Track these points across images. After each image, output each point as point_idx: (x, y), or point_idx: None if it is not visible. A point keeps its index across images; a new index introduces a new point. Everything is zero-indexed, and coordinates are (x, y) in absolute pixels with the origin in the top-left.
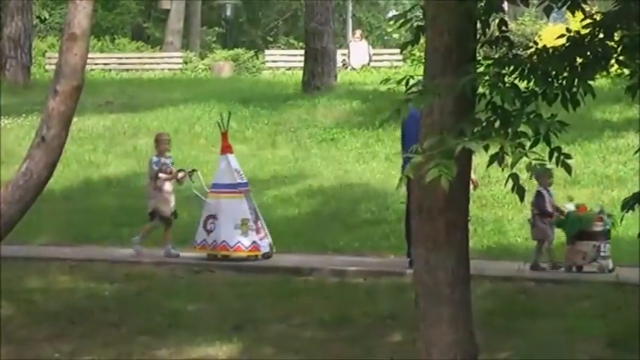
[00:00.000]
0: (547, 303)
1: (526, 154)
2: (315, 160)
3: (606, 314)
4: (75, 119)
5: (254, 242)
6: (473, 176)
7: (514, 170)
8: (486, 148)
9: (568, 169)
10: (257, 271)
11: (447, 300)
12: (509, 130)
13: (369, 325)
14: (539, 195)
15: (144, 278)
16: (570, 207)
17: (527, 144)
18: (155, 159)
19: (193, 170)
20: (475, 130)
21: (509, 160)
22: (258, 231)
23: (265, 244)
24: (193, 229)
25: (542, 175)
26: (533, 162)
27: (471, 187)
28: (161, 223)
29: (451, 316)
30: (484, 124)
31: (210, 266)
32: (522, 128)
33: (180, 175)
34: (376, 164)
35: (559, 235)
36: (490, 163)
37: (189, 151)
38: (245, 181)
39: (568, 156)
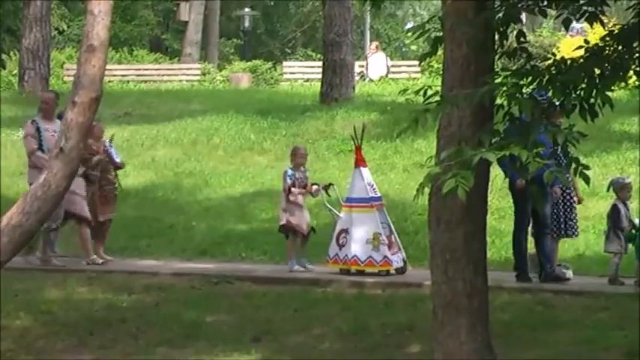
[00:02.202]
0: (565, 314)
1: (544, 164)
2: (333, 172)
3: (625, 326)
4: None
5: (385, 257)
6: (578, 192)
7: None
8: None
9: (586, 180)
10: (275, 283)
11: (465, 311)
12: (528, 140)
13: (388, 335)
14: (614, 208)
15: (162, 289)
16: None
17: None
18: (290, 172)
19: (330, 184)
20: (493, 141)
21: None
22: (390, 246)
23: (398, 258)
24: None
25: (622, 189)
26: (552, 172)
27: (576, 200)
28: (293, 236)
29: (469, 326)
30: (502, 135)
31: (229, 278)
32: None
33: (313, 188)
34: (394, 175)
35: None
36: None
37: (207, 162)
38: (378, 195)
39: (586, 167)
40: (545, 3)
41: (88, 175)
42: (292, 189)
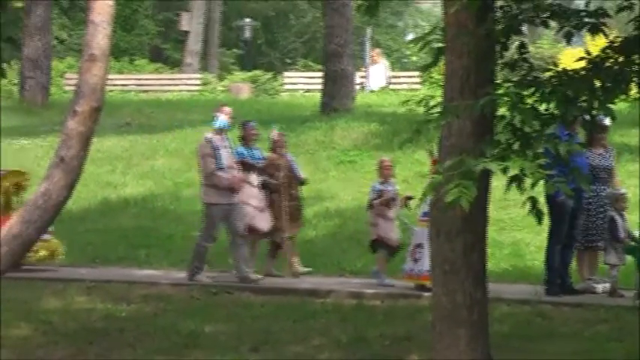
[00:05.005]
0: (564, 326)
1: (546, 175)
2: (332, 182)
3: (623, 338)
4: (93, 140)
5: None
6: None
7: (532, 192)
8: (505, 169)
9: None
10: (274, 293)
11: (464, 322)
12: (529, 151)
13: (386, 346)
14: (612, 220)
15: (161, 299)
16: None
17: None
18: (377, 186)
19: (409, 197)
20: (495, 152)
21: (527, 181)
22: None
23: None
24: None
25: (618, 200)
26: (554, 183)
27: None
28: (384, 250)
29: (468, 338)
30: (504, 146)
31: (229, 288)
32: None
33: (394, 203)
34: None
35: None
36: (509, 185)
37: None
38: None
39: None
40: (547, 14)
41: (266, 183)
42: (374, 202)
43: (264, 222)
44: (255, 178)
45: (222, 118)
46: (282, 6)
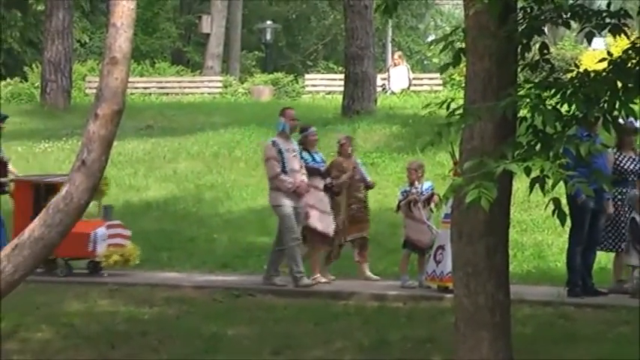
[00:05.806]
0: (586, 328)
1: (567, 176)
2: None
3: None
4: (115, 143)
5: None
6: None
7: (555, 194)
8: (527, 170)
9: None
10: (297, 296)
11: (486, 324)
12: (551, 153)
13: (408, 349)
14: (633, 221)
15: (183, 302)
16: None
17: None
18: (402, 188)
19: (431, 197)
20: (516, 154)
21: (549, 182)
22: None
23: None
24: None
25: (638, 201)
26: (575, 183)
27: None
28: (412, 251)
29: (491, 340)
30: (525, 147)
31: (250, 290)
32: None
33: (417, 204)
34: None
35: None
36: (531, 186)
37: (229, 175)
38: None
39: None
40: (569, 15)
41: (330, 187)
42: (401, 204)
43: (329, 226)
44: (320, 182)
45: (282, 121)
46: (303, 8)
